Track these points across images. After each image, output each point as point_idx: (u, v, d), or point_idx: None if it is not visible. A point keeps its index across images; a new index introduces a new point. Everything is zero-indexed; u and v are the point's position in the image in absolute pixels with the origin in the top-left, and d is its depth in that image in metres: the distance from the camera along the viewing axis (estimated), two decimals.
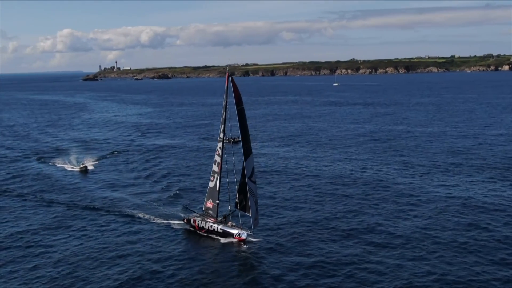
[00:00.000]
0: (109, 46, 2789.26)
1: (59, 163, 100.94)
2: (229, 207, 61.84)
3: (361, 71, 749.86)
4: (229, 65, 65.82)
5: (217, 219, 60.84)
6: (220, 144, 61.65)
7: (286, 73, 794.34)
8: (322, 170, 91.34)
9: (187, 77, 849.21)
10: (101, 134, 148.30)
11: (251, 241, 56.68)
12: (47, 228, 62.52)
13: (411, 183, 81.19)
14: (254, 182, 58.94)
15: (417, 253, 52.21)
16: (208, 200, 62.72)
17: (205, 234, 59.89)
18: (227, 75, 60.26)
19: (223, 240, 57.73)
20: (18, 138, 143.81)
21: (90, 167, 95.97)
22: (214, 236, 59.03)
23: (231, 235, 57.90)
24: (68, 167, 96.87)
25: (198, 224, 61.10)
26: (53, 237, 59.40)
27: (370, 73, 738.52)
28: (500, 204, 68.37)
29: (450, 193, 74.29)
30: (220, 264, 51.47)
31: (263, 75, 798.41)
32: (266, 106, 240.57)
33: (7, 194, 79.10)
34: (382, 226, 60.76)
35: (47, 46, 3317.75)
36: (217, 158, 61.91)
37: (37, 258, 53.06)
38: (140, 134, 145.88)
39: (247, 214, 58.74)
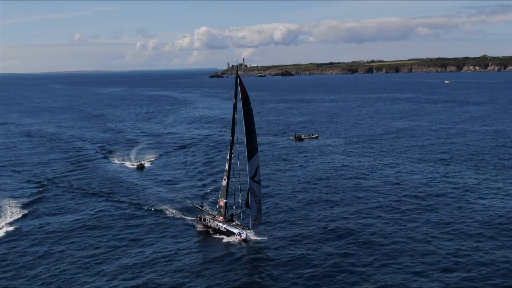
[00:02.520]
0: (243, 43, 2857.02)
1: (120, 159, 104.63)
2: (233, 207, 61.74)
3: (489, 68, 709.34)
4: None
5: (225, 218, 61.09)
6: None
7: (411, 70, 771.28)
8: (371, 171, 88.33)
9: (310, 74, 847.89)
10: (183, 130, 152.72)
11: (252, 240, 56.42)
12: (75, 220, 65.71)
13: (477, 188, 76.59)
14: (257, 182, 58.08)
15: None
16: (220, 199, 63.02)
17: (212, 232, 60.20)
18: (236, 75, 59.92)
19: (225, 239, 57.81)
20: (104, 131, 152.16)
21: (146, 164, 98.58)
22: (219, 234, 59.12)
23: (233, 234, 57.90)
24: (127, 164, 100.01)
25: (206, 222, 61.58)
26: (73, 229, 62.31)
27: (498, 70, 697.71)
28: None
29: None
30: (217, 262, 51.45)
31: (386, 72, 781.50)
32: (359, 103, 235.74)
33: (60, 185, 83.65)
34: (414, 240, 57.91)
35: (185, 44, 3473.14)
36: (228, 157, 62.32)
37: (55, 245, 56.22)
38: (220, 130, 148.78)
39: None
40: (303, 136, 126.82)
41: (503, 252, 51.75)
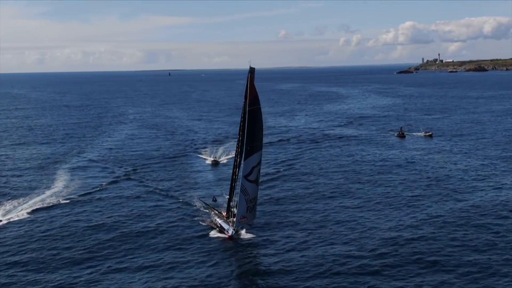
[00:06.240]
0: (449, 37, 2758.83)
1: (206, 154, 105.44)
2: (231, 204, 61.45)
3: None
4: None
5: (227, 214, 61.70)
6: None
7: None
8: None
9: (507, 69, 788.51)
10: (301, 124, 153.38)
11: (241, 237, 56.95)
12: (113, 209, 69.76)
13: None
14: (252, 181, 57.69)
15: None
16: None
17: (213, 226, 60.64)
18: (248, 76, 59.00)
19: (218, 235, 58.25)
20: (229, 125, 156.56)
21: (224, 160, 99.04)
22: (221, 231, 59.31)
23: (224, 230, 58.31)
24: (208, 159, 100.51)
25: (210, 218, 62.70)
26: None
27: None
28: None
29: None
30: (202, 258, 51.85)
31: None
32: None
33: (131, 177, 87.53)
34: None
35: (388, 39, 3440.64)
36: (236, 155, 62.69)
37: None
38: (341, 125, 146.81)
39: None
40: (416, 133, 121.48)
41: None
